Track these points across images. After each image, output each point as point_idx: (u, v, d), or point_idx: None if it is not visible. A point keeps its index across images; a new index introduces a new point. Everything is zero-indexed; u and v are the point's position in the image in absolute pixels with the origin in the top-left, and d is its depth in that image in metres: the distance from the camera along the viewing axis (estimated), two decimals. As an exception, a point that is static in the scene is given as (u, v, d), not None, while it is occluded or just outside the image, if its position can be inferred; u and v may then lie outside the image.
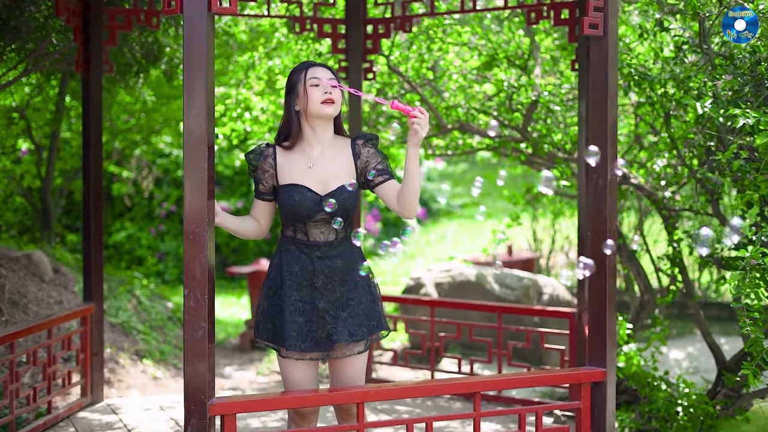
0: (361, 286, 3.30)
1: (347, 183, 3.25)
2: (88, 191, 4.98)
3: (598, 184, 3.49)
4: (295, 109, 3.29)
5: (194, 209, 2.95)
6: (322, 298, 3.24)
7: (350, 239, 3.31)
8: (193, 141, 2.94)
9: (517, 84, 5.44)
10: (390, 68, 5.85)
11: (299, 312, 3.24)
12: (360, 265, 3.29)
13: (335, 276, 3.26)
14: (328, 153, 3.31)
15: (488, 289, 6.83)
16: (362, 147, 3.33)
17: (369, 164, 3.32)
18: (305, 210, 3.22)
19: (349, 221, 3.31)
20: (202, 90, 2.94)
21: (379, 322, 3.33)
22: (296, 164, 3.29)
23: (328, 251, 3.26)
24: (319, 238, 3.27)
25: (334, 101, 3.26)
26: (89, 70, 4.93)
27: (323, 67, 3.31)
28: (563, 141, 5.62)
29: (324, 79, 3.25)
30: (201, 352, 2.97)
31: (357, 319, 3.25)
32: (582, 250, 4.79)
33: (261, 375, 6.80)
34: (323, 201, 3.22)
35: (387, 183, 3.30)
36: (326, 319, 3.23)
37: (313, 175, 3.27)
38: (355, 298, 3.27)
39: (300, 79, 3.27)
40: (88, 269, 4.98)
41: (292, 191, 3.25)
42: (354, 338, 3.23)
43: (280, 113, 6.38)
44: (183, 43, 2.97)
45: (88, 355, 4.98)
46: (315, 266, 3.25)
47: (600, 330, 3.51)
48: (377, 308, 3.34)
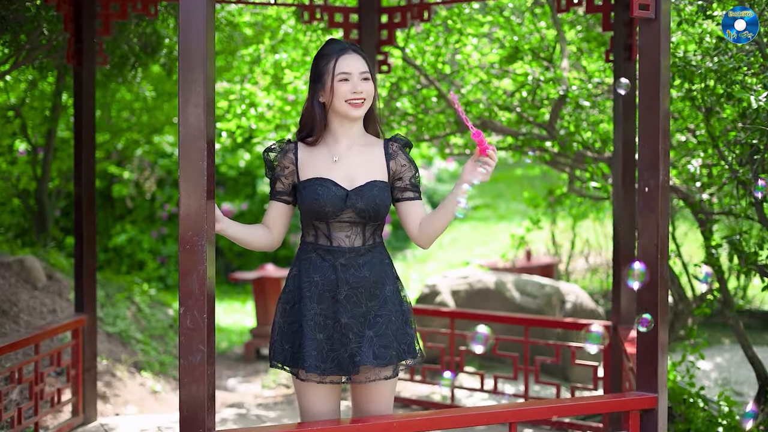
0: (392, 302, 2.88)
1: (377, 179, 2.86)
2: (80, 193, 4.59)
3: (649, 185, 3.09)
4: (319, 100, 2.89)
5: (191, 214, 2.56)
6: (345, 313, 2.82)
7: (379, 249, 2.90)
8: (190, 135, 2.55)
9: (544, 77, 5.03)
10: (406, 61, 5.45)
11: (320, 327, 2.83)
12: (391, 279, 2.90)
13: (361, 288, 2.84)
14: (357, 147, 2.92)
15: (508, 297, 6.43)
16: (398, 151, 2.93)
17: (402, 173, 2.92)
18: (329, 205, 2.81)
19: (379, 224, 2.91)
20: (201, 77, 2.55)
21: (411, 347, 2.90)
22: (320, 159, 2.90)
23: (354, 259, 2.85)
24: (343, 242, 2.86)
25: (363, 102, 2.86)
26: (82, 62, 4.54)
27: (357, 54, 2.89)
28: (592, 139, 5.22)
29: (356, 74, 2.85)
30: (199, 377, 2.58)
31: (385, 340, 2.82)
32: (617, 256, 4.38)
33: (267, 388, 6.41)
34: (349, 197, 2.83)
35: (414, 203, 2.92)
36: (350, 337, 2.81)
37: (340, 170, 2.87)
38: (384, 316, 2.84)
39: (328, 69, 2.86)
40: (81, 277, 4.59)
41: (315, 185, 2.84)
42: (380, 362, 2.80)
43: (287, 110, 5.98)
44: (179, 24, 2.57)
45: (80, 370, 4.58)
46: (338, 276, 2.83)
47: (651, 350, 3.11)
48: (409, 330, 2.91)
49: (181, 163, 2.56)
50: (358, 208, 2.82)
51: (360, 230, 2.86)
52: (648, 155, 3.09)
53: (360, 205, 2.82)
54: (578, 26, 5.83)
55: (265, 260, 10.63)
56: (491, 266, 7.93)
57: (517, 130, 5.34)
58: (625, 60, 4.33)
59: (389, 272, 2.92)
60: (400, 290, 2.96)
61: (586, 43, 5.67)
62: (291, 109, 5.90)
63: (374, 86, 2.91)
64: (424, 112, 5.68)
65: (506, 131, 5.32)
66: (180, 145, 2.56)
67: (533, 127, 5.37)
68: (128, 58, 5.43)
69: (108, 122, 8.76)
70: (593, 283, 8.43)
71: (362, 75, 2.85)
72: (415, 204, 2.92)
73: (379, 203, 2.84)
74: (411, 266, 10.89)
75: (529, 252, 8.02)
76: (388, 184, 2.90)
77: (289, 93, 5.96)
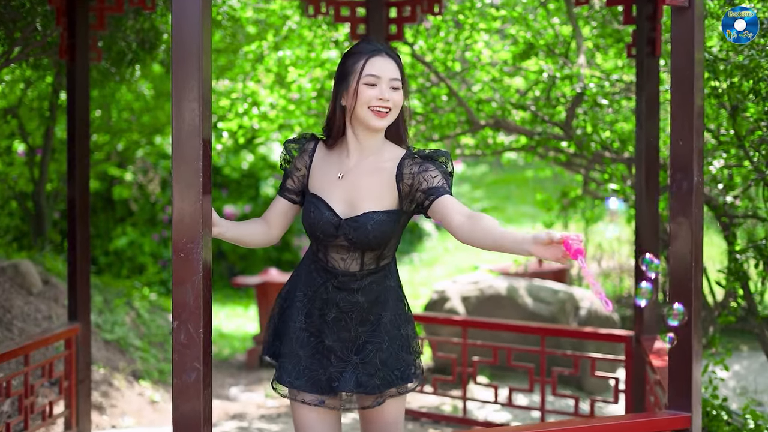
0: (386, 330, 2.63)
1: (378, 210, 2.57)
2: (73, 195, 4.36)
3: (682, 187, 2.85)
4: (341, 103, 2.62)
5: (185, 218, 2.32)
6: (330, 335, 2.61)
7: (382, 273, 2.64)
8: (184, 132, 2.32)
9: (561, 74, 4.79)
10: (415, 57, 5.22)
11: (301, 343, 2.63)
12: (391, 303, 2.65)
13: (353, 313, 2.61)
14: (366, 166, 2.62)
15: (520, 304, 6.18)
16: (410, 168, 2.58)
17: (413, 188, 2.57)
18: (320, 231, 2.59)
19: (380, 253, 2.64)
20: (195, 69, 2.32)
21: (405, 373, 2.64)
22: (329, 171, 2.64)
23: (347, 283, 2.61)
24: (338, 265, 2.62)
25: (388, 113, 2.56)
26: (75, 57, 4.32)
27: (391, 57, 2.60)
28: (610, 139, 4.98)
29: (385, 79, 2.56)
30: (194, 398, 2.35)
31: (370, 369, 2.59)
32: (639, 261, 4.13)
33: (270, 398, 6.17)
34: (341, 227, 2.57)
35: (439, 201, 2.52)
36: (331, 360, 2.60)
37: (341, 191, 2.61)
38: (374, 343, 2.61)
39: (355, 70, 2.57)
40: (74, 284, 4.36)
41: (310, 205, 2.62)
42: (361, 390, 2.58)
43: (291, 109, 5.74)
44: (171, 11, 2.35)
45: (73, 382, 4.36)
46: (329, 296, 2.61)
47: (684, 366, 2.87)
48: (407, 357, 2.65)
49: (174, 162, 2.33)
50: (350, 239, 2.57)
51: (358, 255, 2.61)
52: (680, 155, 2.85)
53: (352, 237, 2.57)
54: (593, 22, 5.59)
55: (268, 264, 10.39)
56: (502, 271, 7.68)
57: (531, 130, 5.09)
58: (648, 55, 4.09)
59: (390, 297, 2.66)
60: (403, 313, 2.69)
61: (603, 39, 5.44)
62: (295, 108, 5.67)
63: (405, 96, 2.62)
64: (434, 110, 5.44)
65: (520, 130, 5.08)
66: (173, 144, 2.33)
67: (548, 127, 5.12)
68: (125, 55, 5.20)
69: (108, 123, 8.55)
70: (606, 288, 8.18)
71: (392, 82, 2.57)
72: (439, 202, 2.52)
73: (372, 239, 2.55)
74: (417, 270, 10.64)
75: (541, 256, 7.75)
76: (396, 212, 2.58)
77: (293, 92, 5.73)
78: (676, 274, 2.86)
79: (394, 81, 2.57)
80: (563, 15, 5.52)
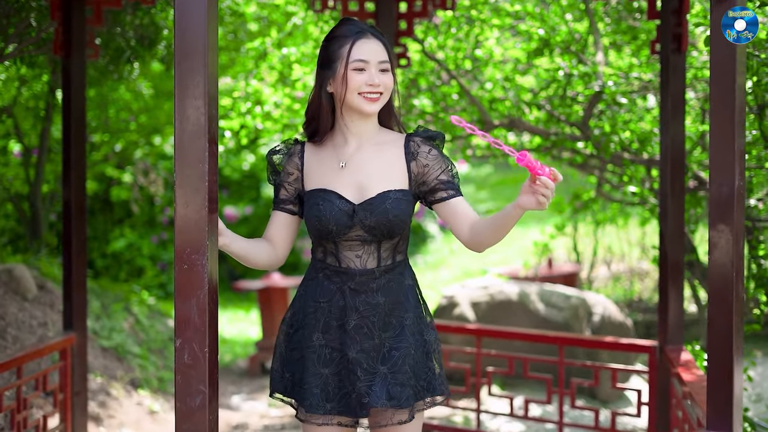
0: (411, 332, 2.42)
1: (393, 189, 2.39)
2: (69, 197, 4.14)
3: (722, 192, 2.65)
4: (327, 89, 2.44)
5: (190, 227, 2.12)
6: (353, 345, 2.38)
7: (399, 269, 2.45)
8: (188, 133, 2.12)
9: (579, 72, 4.58)
10: (425, 54, 5.02)
11: (324, 361, 2.40)
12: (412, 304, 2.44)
13: (374, 317, 2.40)
14: (369, 149, 2.45)
15: (532, 310, 5.98)
16: (420, 146, 2.45)
17: (429, 171, 2.43)
18: (333, 224, 2.37)
19: (396, 245, 2.45)
20: (200, 63, 2.12)
21: (431, 384, 2.44)
22: (326, 164, 2.45)
23: (365, 283, 2.40)
24: (353, 264, 2.41)
25: (380, 97, 2.40)
26: (70, 54, 4.10)
27: (377, 38, 2.43)
28: (629, 139, 4.77)
29: (374, 63, 2.39)
30: (199, 424, 2.13)
31: (401, 377, 2.37)
32: (664, 270, 3.93)
33: (273, 407, 5.96)
34: (356, 213, 2.37)
35: (451, 201, 2.43)
36: (358, 374, 2.37)
37: (347, 177, 2.42)
38: (401, 349, 2.39)
39: (341, 55, 2.39)
40: (70, 291, 4.15)
41: (316, 199, 2.40)
42: (394, 403, 2.35)
43: (296, 108, 5.53)
44: (174, 2, 2.14)
45: (68, 395, 4.15)
46: (347, 302, 2.40)
47: (724, 383, 2.67)
48: (431, 365, 2.45)
49: (177, 165, 2.12)
50: (368, 225, 2.38)
51: (374, 249, 2.42)
52: (721, 157, 2.65)
53: (369, 223, 2.37)
54: (606, 18, 5.38)
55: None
56: (511, 275, 7.48)
57: (546, 130, 4.89)
58: (673, 51, 3.88)
59: (410, 296, 2.47)
60: (424, 316, 2.51)
61: (621, 35, 5.23)
62: (300, 108, 5.46)
63: (394, 77, 2.46)
64: (444, 110, 5.24)
65: (535, 131, 4.87)
66: (176, 145, 2.13)
67: (564, 126, 4.91)
68: (123, 52, 4.99)
69: (105, 123, 8.34)
70: (616, 292, 7.99)
71: (381, 65, 2.41)
72: (450, 203, 2.43)
73: (393, 219, 2.37)
74: (423, 273, 10.43)
75: (551, 260, 7.56)
76: (408, 192, 2.42)
77: (297, 90, 5.51)
78: (716, 285, 2.66)
79: (383, 63, 2.41)
80: (576, 12, 5.31)
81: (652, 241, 8.33)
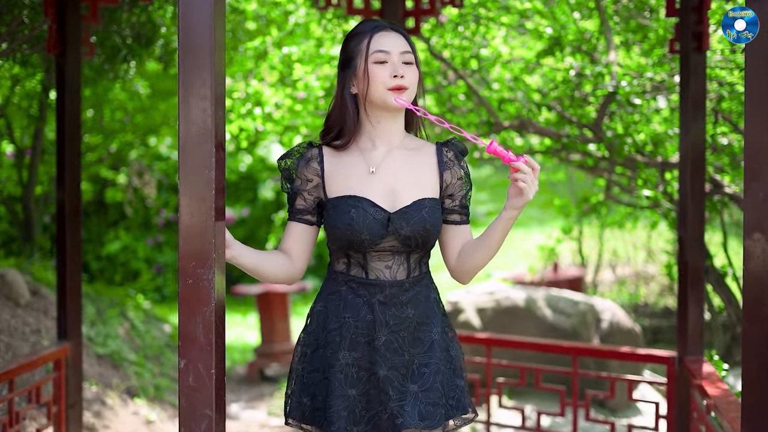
0: (440, 348, 2.28)
1: (427, 197, 2.26)
2: (63, 200, 3.98)
3: (758, 198, 2.50)
4: (350, 91, 2.29)
5: (195, 238, 1.96)
6: (384, 363, 2.22)
7: (425, 282, 2.30)
8: (192, 136, 1.95)
9: (592, 72, 4.43)
10: (432, 54, 4.86)
11: (352, 381, 2.24)
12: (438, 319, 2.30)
13: (404, 331, 2.25)
14: (398, 155, 2.30)
15: (539, 316, 5.82)
16: (454, 161, 2.33)
17: (454, 191, 2.34)
18: (367, 233, 2.21)
19: (423, 255, 2.31)
20: (207, 61, 1.95)
21: (461, 402, 2.30)
22: (353, 168, 2.28)
23: (395, 295, 2.25)
24: (383, 275, 2.26)
25: (406, 88, 2.24)
26: (65, 52, 3.94)
27: (395, 31, 2.29)
28: (643, 141, 4.62)
29: (395, 53, 2.25)
30: (204, 450, 1.98)
31: (433, 396, 2.23)
32: (684, 277, 3.78)
33: (273, 416, 5.80)
34: (392, 222, 2.22)
35: (461, 228, 2.35)
36: (389, 394, 2.21)
37: (378, 184, 2.26)
38: (432, 365, 2.24)
39: (360, 50, 2.26)
40: (64, 299, 3.98)
41: (347, 206, 2.23)
42: (427, 423, 2.19)
43: (298, 109, 5.36)
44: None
45: (62, 407, 3.98)
46: (376, 316, 2.24)
47: (760, 399, 2.52)
48: (459, 381, 2.31)
49: (181, 171, 1.96)
50: (403, 235, 2.23)
51: (404, 259, 2.27)
52: (756, 160, 2.49)
53: (405, 232, 2.23)
54: (615, 17, 5.23)
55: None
56: (516, 280, 7.32)
57: (557, 131, 4.73)
58: (693, 50, 3.73)
59: (436, 310, 2.34)
60: (447, 330, 2.37)
61: (631, 34, 5.08)
62: (302, 108, 5.29)
63: (419, 74, 2.32)
64: (451, 111, 5.08)
65: (546, 132, 4.72)
66: (180, 149, 1.96)
67: (575, 128, 4.76)
68: (119, 50, 4.82)
69: (100, 123, 8.16)
70: (622, 296, 7.84)
71: (404, 56, 2.26)
72: (461, 230, 2.36)
73: (430, 229, 2.25)
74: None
75: (557, 264, 7.41)
76: (439, 201, 2.30)
77: (299, 90, 5.35)
78: (751, 297, 2.50)
79: (406, 54, 2.27)
80: (585, 10, 5.16)
81: (658, 245, 8.19)
